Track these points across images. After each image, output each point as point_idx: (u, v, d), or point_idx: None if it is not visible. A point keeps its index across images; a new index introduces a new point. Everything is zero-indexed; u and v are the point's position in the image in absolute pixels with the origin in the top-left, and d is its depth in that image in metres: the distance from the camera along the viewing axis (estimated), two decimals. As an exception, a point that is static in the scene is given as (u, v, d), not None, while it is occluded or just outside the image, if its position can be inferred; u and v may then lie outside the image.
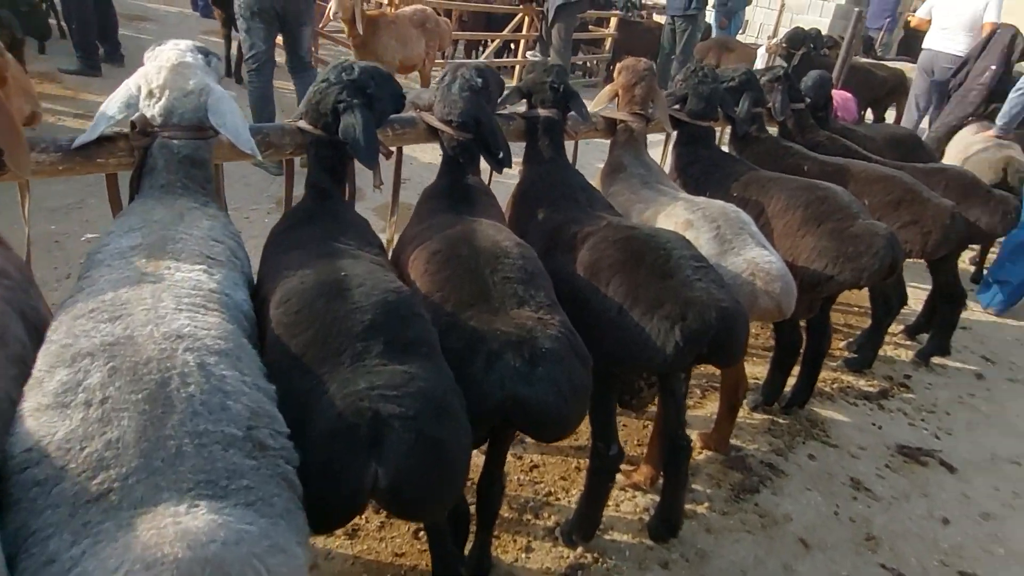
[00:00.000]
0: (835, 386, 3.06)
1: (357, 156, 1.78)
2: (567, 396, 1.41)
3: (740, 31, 9.76)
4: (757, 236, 2.09)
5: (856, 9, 5.61)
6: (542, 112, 2.34)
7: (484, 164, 2.07)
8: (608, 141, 2.71)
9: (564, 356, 1.43)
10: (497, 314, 1.47)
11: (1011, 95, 4.06)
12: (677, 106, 2.97)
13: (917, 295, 3.82)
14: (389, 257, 1.82)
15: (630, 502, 2.23)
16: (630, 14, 10.44)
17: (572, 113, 2.38)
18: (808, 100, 3.61)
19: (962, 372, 3.38)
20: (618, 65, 2.75)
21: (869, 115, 8.20)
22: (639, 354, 1.65)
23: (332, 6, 4.85)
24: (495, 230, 1.73)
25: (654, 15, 10.87)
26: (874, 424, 2.85)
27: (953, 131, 4.81)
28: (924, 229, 2.78)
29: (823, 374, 2.98)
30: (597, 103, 2.74)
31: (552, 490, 2.24)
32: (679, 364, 1.68)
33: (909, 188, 2.85)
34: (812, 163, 3.08)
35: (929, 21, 7.22)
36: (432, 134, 2.18)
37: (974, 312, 4.08)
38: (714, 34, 9.55)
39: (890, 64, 8.56)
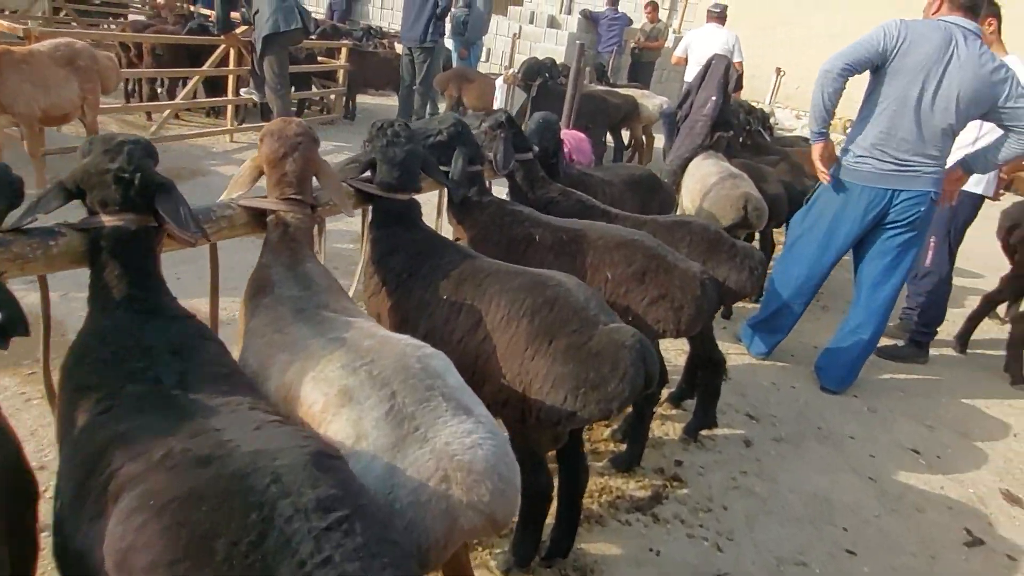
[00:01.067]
0: (604, 499, 2.51)
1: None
2: None
3: (480, 60, 9.49)
4: (455, 395, 1.37)
5: (579, 42, 5.37)
6: (106, 220, 1.43)
7: None
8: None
9: None
10: None
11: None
12: (368, 173, 2.24)
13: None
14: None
15: None
16: (365, 43, 9.72)
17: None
18: (536, 148, 3.11)
19: (730, 441, 3.06)
20: (262, 131, 1.93)
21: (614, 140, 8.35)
22: None
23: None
24: None
25: (396, 44, 10.27)
26: (651, 549, 2.33)
27: (686, 163, 4.71)
28: (675, 304, 2.34)
29: (592, 481, 2.43)
30: (234, 186, 1.90)
31: None
32: None
33: (653, 255, 2.39)
34: (545, 230, 2.53)
35: (685, 59, 7.71)
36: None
37: (729, 355, 3.90)
38: (455, 64, 9.18)
39: (622, 91, 8.79)
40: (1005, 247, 4.28)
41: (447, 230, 2.69)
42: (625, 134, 8.57)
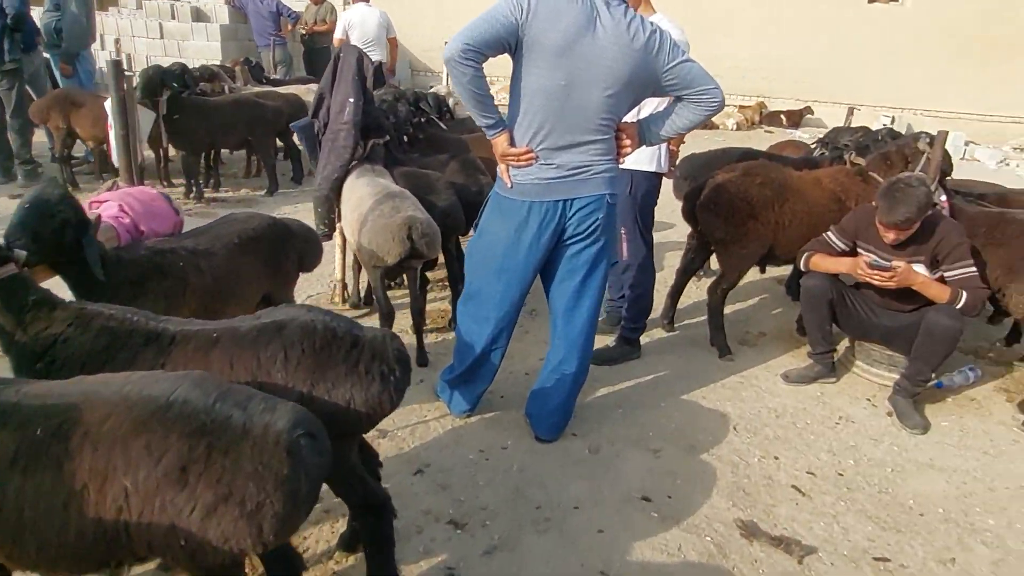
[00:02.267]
0: None
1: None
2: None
3: (94, 78, 7.57)
4: None
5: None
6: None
7: None
8: None
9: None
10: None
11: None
12: None
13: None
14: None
15: None
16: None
17: None
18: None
19: (432, 576, 2.28)
20: None
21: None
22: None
23: None
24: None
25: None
26: None
27: (340, 185, 3.81)
28: (248, 508, 1.41)
29: None
30: None
31: None
32: None
33: (200, 429, 1.44)
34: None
35: (343, 39, 7.27)
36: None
37: (426, 420, 3.14)
38: (62, 84, 7.18)
39: (283, 90, 7.59)
40: (686, 215, 4.08)
41: None
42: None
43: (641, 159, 3.41)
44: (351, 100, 3.75)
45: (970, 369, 3.83)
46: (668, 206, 4.34)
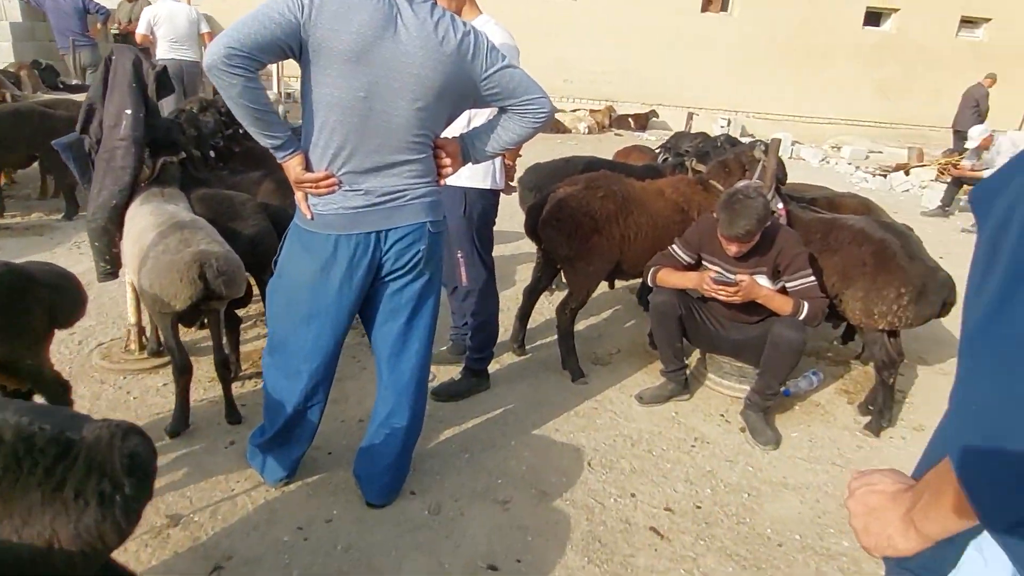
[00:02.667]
0: None
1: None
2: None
3: None
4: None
5: None
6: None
7: None
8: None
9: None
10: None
11: None
12: None
13: None
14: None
15: None
16: None
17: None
18: None
19: None
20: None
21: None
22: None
23: None
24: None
25: None
26: None
27: (118, 213, 3.17)
28: None
29: None
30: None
31: None
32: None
33: None
34: None
35: (151, 36, 6.54)
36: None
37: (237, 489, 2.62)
38: None
39: (82, 98, 6.59)
40: (529, 231, 3.81)
41: None
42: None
43: (475, 175, 3.08)
44: (128, 112, 3.13)
45: (813, 374, 3.85)
46: (519, 215, 4.06)
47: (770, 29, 16.90)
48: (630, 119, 15.97)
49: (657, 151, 6.47)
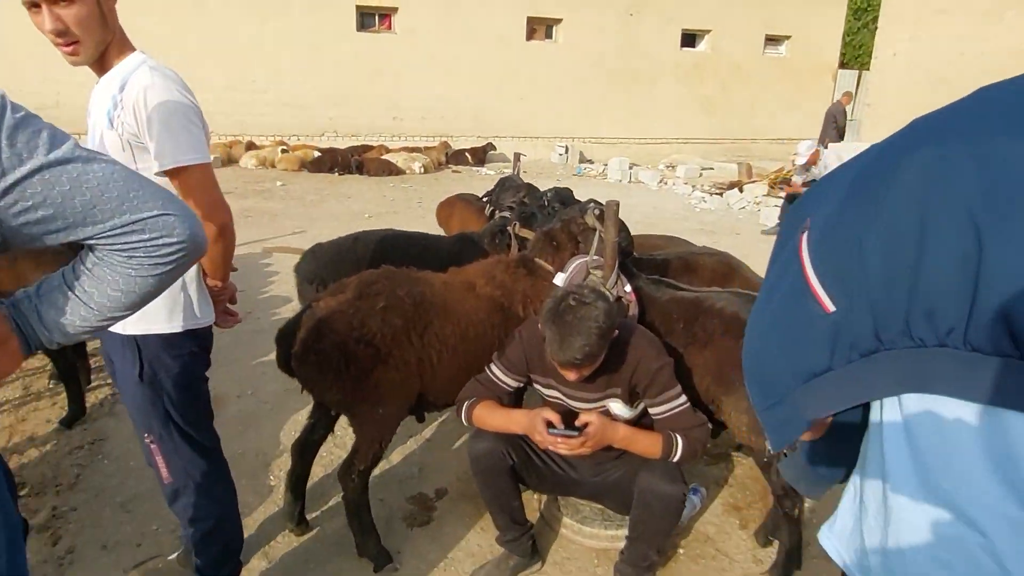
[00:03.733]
0: None
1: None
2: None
3: None
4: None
5: None
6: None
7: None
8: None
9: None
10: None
11: None
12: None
13: None
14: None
15: None
16: None
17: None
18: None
19: None
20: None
21: None
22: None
23: None
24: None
25: None
26: None
27: None
28: None
29: None
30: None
31: None
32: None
33: None
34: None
35: None
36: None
37: None
38: None
39: None
40: (282, 365, 2.61)
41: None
42: None
43: (149, 314, 1.87)
44: None
45: (693, 492, 2.97)
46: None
47: (594, 55, 16.88)
48: (467, 154, 15.19)
49: (484, 200, 5.57)
